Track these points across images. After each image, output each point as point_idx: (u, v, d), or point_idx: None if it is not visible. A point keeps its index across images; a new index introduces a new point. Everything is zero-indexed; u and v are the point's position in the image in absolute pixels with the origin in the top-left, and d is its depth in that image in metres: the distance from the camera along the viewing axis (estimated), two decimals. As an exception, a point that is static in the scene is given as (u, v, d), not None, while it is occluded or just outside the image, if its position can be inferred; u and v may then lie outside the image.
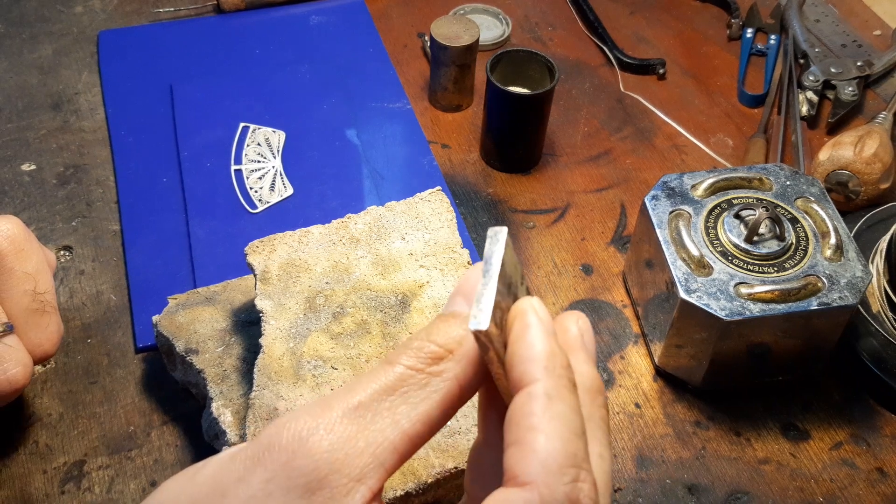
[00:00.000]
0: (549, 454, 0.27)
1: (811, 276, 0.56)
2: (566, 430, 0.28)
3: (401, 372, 0.30)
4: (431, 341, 0.31)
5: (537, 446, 0.28)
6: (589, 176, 0.76)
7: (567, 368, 0.30)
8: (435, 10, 0.89)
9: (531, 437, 0.28)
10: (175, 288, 0.63)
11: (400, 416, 0.29)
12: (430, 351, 0.30)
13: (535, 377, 0.29)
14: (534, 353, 0.30)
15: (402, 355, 0.31)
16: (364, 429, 0.29)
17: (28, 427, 0.57)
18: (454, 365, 0.31)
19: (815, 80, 0.82)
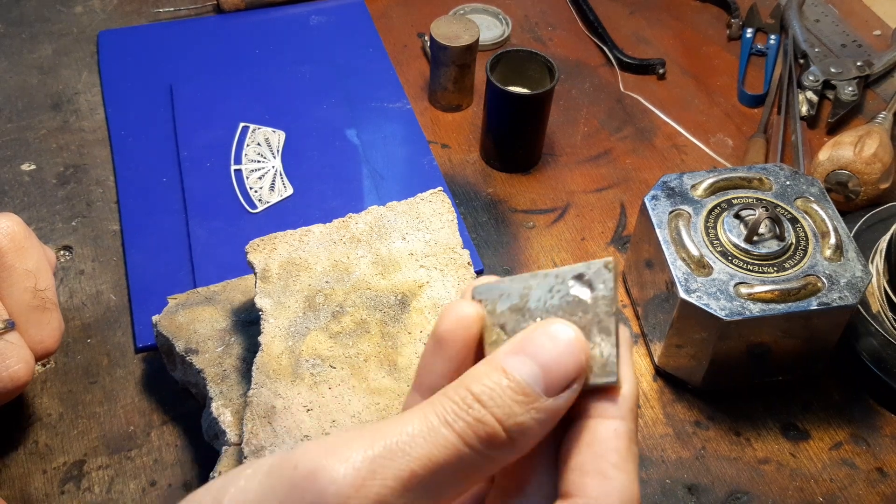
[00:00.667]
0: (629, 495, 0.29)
1: (811, 276, 0.56)
2: (637, 472, 0.30)
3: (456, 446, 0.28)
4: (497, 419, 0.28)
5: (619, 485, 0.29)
6: (589, 176, 0.76)
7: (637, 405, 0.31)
8: (435, 10, 0.89)
9: (615, 474, 0.29)
10: (175, 288, 0.63)
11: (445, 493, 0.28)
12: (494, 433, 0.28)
13: (623, 415, 0.30)
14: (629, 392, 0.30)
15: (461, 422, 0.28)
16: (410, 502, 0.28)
17: (28, 427, 0.57)
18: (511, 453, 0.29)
19: (814, 80, 0.82)
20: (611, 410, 0.30)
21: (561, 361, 0.29)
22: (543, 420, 0.29)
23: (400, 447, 0.28)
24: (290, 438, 0.48)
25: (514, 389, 0.29)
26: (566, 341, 0.30)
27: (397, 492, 0.27)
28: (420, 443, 0.28)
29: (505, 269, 0.68)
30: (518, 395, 0.29)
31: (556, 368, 0.29)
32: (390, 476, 0.27)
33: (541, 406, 0.29)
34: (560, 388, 0.29)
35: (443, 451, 0.28)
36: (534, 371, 0.29)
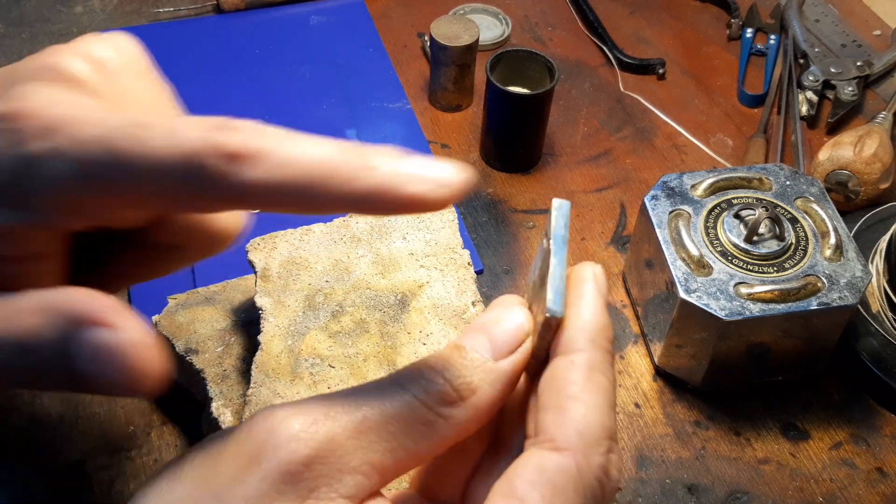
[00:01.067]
0: (588, 425, 0.29)
1: (811, 275, 0.56)
2: (604, 402, 0.29)
3: (410, 402, 0.30)
4: (447, 381, 0.30)
5: (577, 416, 0.29)
6: (589, 176, 0.76)
7: (611, 342, 0.31)
8: (435, 10, 0.89)
9: (571, 405, 0.29)
10: (175, 288, 0.63)
11: (398, 447, 0.29)
12: (443, 392, 0.30)
13: (580, 347, 0.30)
14: (583, 323, 0.31)
15: (415, 384, 0.30)
16: (363, 448, 0.28)
17: (28, 427, 0.57)
18: (461, 414, 0.30)
19: (814, 80, 0.82)
20: (566, 346, 0.31)
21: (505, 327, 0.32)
22: (492, 380, 0.31)
23: (352, 399, 0.29)
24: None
25: (462, 356, 0.31)
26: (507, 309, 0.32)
27: (348, 432, 0.28)
28: (373, 395, 0.30)
29: (505, 269, 0.68)
30: (466, 360, 0.31)
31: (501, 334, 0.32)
32: (342, 418, 0.29)
33: (487, 367, 0.31)
34: (507, 351, 0.32)
35: (394, 403, 0.29)
36: (482, 340, 0.32)
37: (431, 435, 0.30)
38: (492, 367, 0.31)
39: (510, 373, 0.31)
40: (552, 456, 0.29)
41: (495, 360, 0.31)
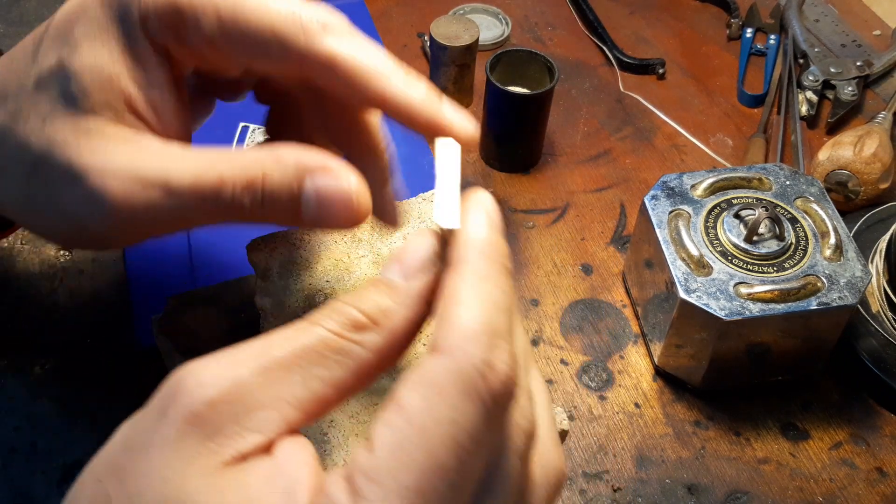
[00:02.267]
0: (467, 323, 0.28)
1: (811, 275, 0.56)
2: (490, 304, 0.29)
3: (321, 334, 0.29)
4: (357, 307, 0.30)
5: (458, 318, 0.28)
6: (589, 176, 0.76)
7: (504, 257, 0.31)
8: (435, 10, 0.89)
9: (454, 310, 0.28)
10: (175, 288, 0.63)
11: (311, 378, 0.29)
12: (354, 318, 0.30)
13: (466, 259, 0.30)
14: (472, 238, 0.31)
15: (326, 318, 0.30)
16: (272, 384, 0.28)
17: (27, 428, 0.57)
18: (376, 337, 0.30)
19: (814, 80, 0.82)
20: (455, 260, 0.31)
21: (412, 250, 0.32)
22: (403, 300, 0.31)
23: (262, 343, 0.29)
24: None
25: (375, 285, 0.31)
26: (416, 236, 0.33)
27: (255, 372, 0.28)
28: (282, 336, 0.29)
29: (505, 269, 0.68)
30: (377, 288, 0.31)
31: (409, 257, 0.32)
32: (249, 361, 0.29)
33: (399, 289, 0.31)
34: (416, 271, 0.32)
35: (303, 337, 0.29)
36: (394, 268, 0.32)
37: (348, 363, 0.29)
38: (403, 289, 0.31)
39: (421, 290, 0.31)
40: (433, 358, 0.28)
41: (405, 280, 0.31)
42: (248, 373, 0.28)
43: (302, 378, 0.29)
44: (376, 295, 0.31)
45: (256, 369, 0.28)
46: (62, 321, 0.63)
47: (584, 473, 0.57)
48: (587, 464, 0.57)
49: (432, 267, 0.32)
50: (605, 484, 0.56)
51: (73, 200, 0.37)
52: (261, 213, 0.38)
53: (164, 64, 0.39)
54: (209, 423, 0.27)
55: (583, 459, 0.57)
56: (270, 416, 0.28)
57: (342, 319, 0.30)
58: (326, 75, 0.39)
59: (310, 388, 0.29)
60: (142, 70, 0.38)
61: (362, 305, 0.30)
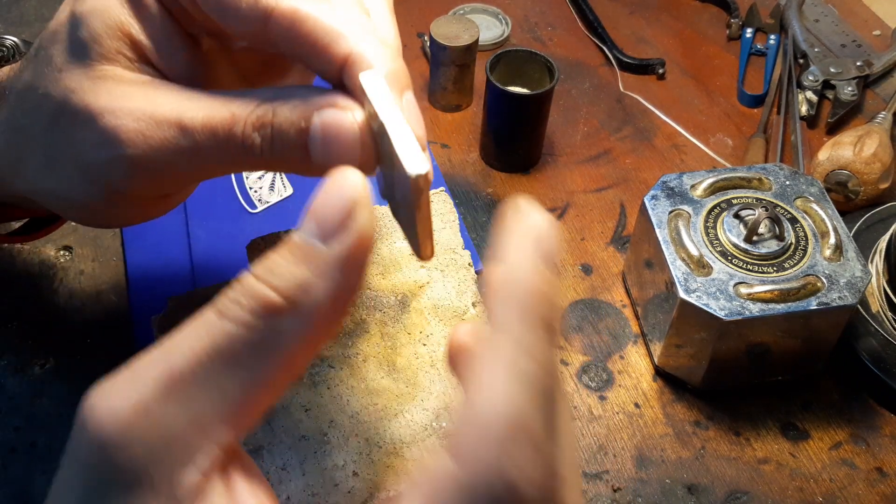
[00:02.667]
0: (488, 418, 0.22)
1: (810, 275, 0.56)
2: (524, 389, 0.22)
3: (229, 331, 0.25)
4: (270, 284, 0.25)
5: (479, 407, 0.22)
6: (588, 176, 0.76)
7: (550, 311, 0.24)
8: (435, 10, 0.89)
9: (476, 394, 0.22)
10: (175, 288, 0.63)
11: (230, 386, 0.24)
12: (267, 300, 0.25)
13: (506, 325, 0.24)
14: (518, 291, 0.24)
15: (234, 304, 0.25)
16: (185, 406, 0.24)
17: (27, 428, 0.57)
18: (298, 322, 0.25)
19: (814, 80, 0.82)
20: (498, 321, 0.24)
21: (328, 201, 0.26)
22: (326, 272, 0.25)
23: (160, 352, 0.25)
24: (288, 438, 0.48)
25: (290, 251, 0.26)
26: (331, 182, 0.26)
27: (159, 397, 0.24)
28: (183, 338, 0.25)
29: (505, 269, 0.68)
30: (293, 255, 0.26)
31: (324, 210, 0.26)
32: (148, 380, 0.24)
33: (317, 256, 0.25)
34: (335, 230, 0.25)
35: (209, 340, 0.24)
36: (309, 225, 0.26)
37: (270, 356, 0.25)
38: (323, 255, 0.25)
39: (344, 254, 0.25)
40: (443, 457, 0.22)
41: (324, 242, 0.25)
42: (151, 397, 0.24)
43: (219, 388, 0.24)
44: (291, 265, 0.25)
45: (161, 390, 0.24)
46: (62, 321, 0.63)
47: (584, 473, 0.57)
48: (587, 464, 0.57)
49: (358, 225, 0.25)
50: (605, 484, 0.56)
51: (91, 146, 0.37)
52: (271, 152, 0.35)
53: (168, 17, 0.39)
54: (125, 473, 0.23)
55: (583, 459, 0.57)
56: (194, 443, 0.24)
57: (253, 304, 0.25)
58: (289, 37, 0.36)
59: (231, 397, 0.24)
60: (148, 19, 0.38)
61: (275, 281, 0.25)
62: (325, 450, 0.48)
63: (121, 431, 0.24)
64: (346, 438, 0.48)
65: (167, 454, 0.24)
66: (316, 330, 0.25)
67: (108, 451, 0.24)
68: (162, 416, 0.24)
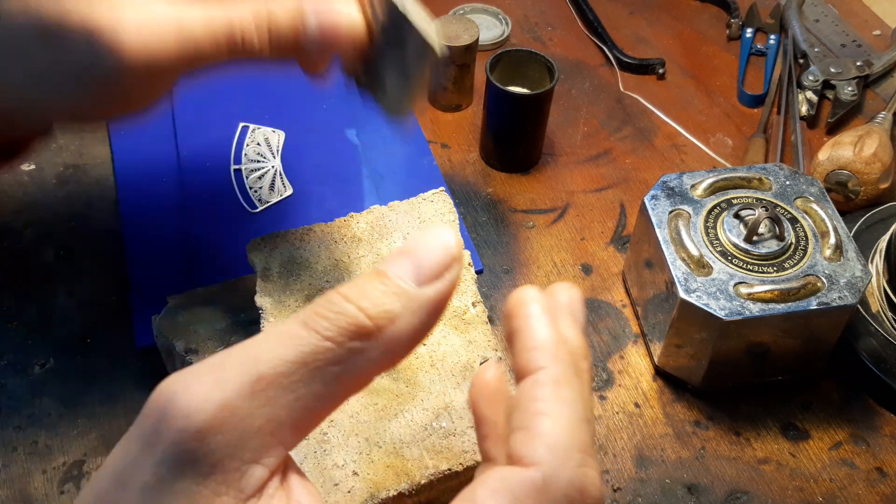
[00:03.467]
0: (556, 438, 0.26)
1: (811, 275, 0.56)
2: (574, 415, 0.27)
3: (316, 344, 0.26)
4: (361, 308, 0.27)
5: (544, 430, 0.27)
6: (588, 176, 0.76)
7: (572, 354, 0.29)
8: (435, 10, 0.88)
9: (538, 421, 0.27)
10: (175, 288, 0.63)
11: (305, 393, 0.26)
12: (356, 321, 0.27)
13: (541, 364, 0.28)
14: (539, 342, 0.29)
15: (323, 320, 0.27)
16: (264, 405, 0.26)
17: (28, 427, 0.57)
18: (379, 346, 0.27)
19: (814, 80, 0.82)
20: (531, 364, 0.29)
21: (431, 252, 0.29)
22: (415, 308, 0.28)
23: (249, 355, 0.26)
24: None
25: (384, 283, 0.28)
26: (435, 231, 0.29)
27: (244, 393, 0.26)
28: (272, 345, 0.27)
29: (505, 269, 0.68)
30: (387, 288, 0.28)
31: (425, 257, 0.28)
32: (235, 380, 0.26)
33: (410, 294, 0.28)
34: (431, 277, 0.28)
35: (295, 350, 0.26)
36: (405, 265, 0.28)
37: (345, 375, 0.27)
38: (414, 294, 0.28)
39: (435, 300, 0.28)
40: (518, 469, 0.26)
41: (419, 285, 0.28)
42: (235, 395, 0.26)
43: (296, 396, 0.26)
44: (384, 296, 0.27)
45: (247, 391, 0.26)
46: (62, 321, 0.63)
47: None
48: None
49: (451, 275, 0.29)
50: (605, 484, 0.56)
51: (91, 59, 0.38)
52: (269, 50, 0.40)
53: None
54: (203, 460, 0.25)
55: (583, 459, 0.57)
56: (267, 441, 0.26)
57: (342, 323, 0.27)
58: None
59: (304, 405, 0.26)
60: None
61: (367, 307, 0.27)
62: (325, 449, 0.48)
63: (207, 423, 0.25)
64: (346, 438, 0.48)
65: (242, 450, 0.25)
66: (391, 355, 0.28)
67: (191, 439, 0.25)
68: (243, 415, 0.25)
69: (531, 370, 0.28)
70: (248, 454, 0.26)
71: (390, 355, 0.28)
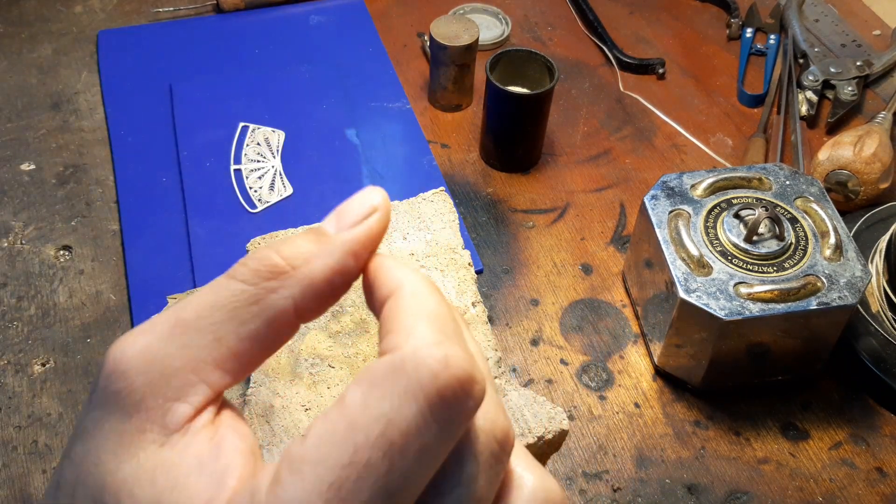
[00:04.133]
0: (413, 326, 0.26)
1: (810, 275, 0.56)
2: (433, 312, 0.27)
3: (232, 287, 0.28)
4: (278, 251, 0.28)
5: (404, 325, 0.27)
6: (588, 176, 0.76)
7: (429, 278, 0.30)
8: (435, 9, 0.89)
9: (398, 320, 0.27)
10: (175, 288, 0.63)
11: (224, 334, 0.28)
12: (271, 262, 0.28)
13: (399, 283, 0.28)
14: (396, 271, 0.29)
15: (242, 266, 0.28)
16: (183, 346, 0.27)
17: (28, 427, 0.57)
18: (293, 284, 0.28)
19: (814, 80, 0.82)
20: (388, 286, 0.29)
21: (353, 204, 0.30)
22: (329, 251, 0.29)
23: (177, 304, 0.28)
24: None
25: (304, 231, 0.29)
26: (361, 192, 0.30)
27: (164, 336, 0.27)
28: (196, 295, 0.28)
29: (504, 268, 0.68)
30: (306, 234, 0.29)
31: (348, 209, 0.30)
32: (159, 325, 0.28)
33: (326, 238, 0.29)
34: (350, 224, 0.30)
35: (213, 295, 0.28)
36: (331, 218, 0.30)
37: (263, 313, 0.28)
38: (331, 237, 0.29)
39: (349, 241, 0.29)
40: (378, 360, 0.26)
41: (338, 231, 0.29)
42: (157, 339, 0.27)
43: (214, 336, 0.28)
44: (302, 240, 0.29)
45: (166, 333, 0.27)
46: (62, 321, 0.63)
47: (584, 473, 0.57)
48: (587, 464, 0.57)
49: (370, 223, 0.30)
50: (605, 484, 0.56)
51: None
52: None
53: None
54: (126, 399, 0.27)
55: (583, 459, 0.57)
56: (188, 380, 0.27)
57: (258, 266, 0.28)
58: None
59: (225, 344, 0.28)
60: None
61: (282, 250, 0.28)
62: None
63: (126, 364, 0.27)
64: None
65: (164, 387, 0.27)
66: (308, 295, 0.29)
67: (113, 380, 0.27)
68: (163, 355, 0.27)
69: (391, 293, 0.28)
70: (171, 392, 0.27)
71: (308, 295, 0.28)
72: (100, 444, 0.27)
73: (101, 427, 0.27)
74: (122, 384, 0.27)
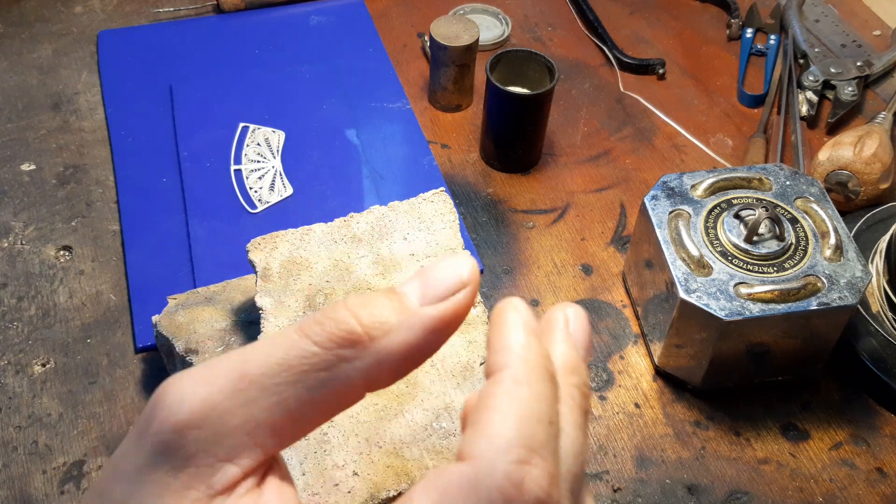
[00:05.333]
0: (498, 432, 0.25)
1: (811, 276, 0.56)
2: (525, 412, 0.26)
3: (304, 347, 0.26)
4: (357, 317, 0.27)
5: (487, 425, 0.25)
6: (589, 176, 0.76)
7: (545, 358, 0.28)
8: (435, 10, 0.89)
9: (486, 417, 0.25)
10: (175, 288, 0.63)
11: (288, 396, 0.26)
12: (349, 328, 0.26)
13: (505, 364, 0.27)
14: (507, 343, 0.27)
15: (316, 325, 0.27)
16: (244, 405, 0.26)
17: (28, 427, 0.57)
18: (369, 356, 0.27)
19: (814, 80, 0.82)
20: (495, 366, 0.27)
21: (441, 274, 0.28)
22: (411, 323, 0.27)
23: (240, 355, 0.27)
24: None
25: (389, 298, 0.27)
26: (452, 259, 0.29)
27: (226, 391, 0.26)
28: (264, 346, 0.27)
29: (505, 269, 0.68)
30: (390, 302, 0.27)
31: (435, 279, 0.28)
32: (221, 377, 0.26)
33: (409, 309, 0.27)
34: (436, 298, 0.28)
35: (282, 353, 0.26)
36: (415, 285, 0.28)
37: (331, 382, 0.26)
38: (414, 310, 0.27)
39: (434, 319, 0.28)
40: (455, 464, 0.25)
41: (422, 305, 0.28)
42: (218, 392, 0.26)
43: (278, 399, 0.26)
44: (382, 307, 0.27)
45: (229, 388, 0.26)
46: (62, 321, 0.63)
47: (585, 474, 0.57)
48: (587, 464, 0.57)
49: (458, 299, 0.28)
50: (605, 484, 0.56)
51: None
52: None
53: None
54: (178, 453, 0.25)
55: (583, 459, 0.57)
56: (242, 441, 0.26)
57: (333, 328, 0.26)
58: None
59: (285, 408, 0.26)
60: None
61: (363, 316, 0.27)
62: (325, 450, 0.48)
63: (183, 415, 0.26)
64: (346, 438, 0.48)
65: (217, 447, 0.26)
66: (381, 370, 0.27)
67: (167, 430, 0.26)
68: (222, 411, 0.26)
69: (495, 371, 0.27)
70: (223, 452, 0.26)
71: (382, 369, 0.27)
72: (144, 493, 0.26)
73: (147, 476, 0.26)
74: (176, 437, 0.26)
